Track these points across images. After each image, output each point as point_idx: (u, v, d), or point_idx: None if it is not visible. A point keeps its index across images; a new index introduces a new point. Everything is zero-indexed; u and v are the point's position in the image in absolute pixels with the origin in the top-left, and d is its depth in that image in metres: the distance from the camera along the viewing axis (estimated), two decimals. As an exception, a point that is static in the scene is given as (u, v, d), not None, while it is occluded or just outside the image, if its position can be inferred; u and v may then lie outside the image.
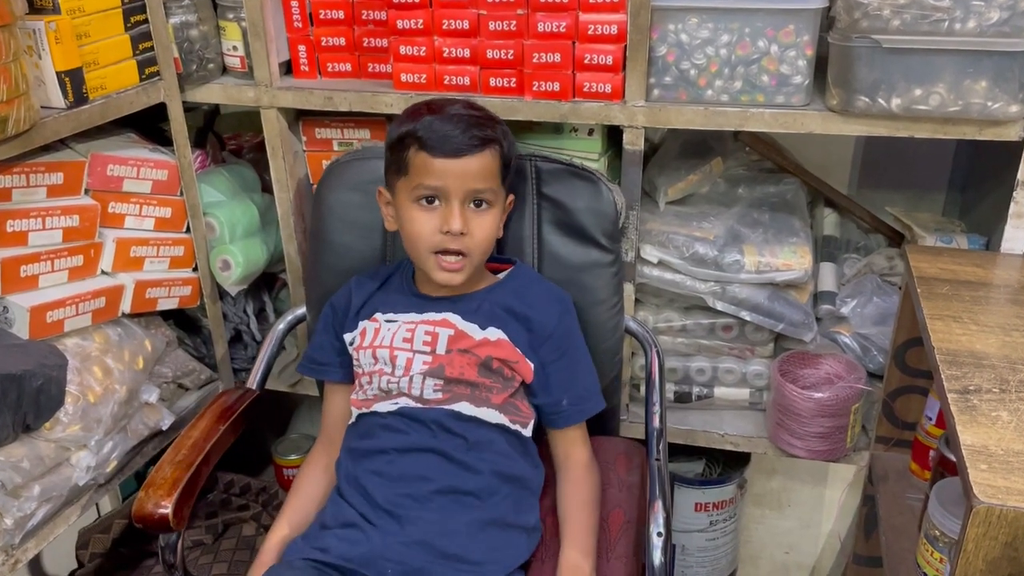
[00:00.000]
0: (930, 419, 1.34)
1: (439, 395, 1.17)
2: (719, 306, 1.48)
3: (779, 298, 1.47)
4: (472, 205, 1.16)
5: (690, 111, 1.34)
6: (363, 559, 1.09)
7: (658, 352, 1.39)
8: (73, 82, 1.29)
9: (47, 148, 1.34)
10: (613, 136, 1.48)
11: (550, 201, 1.36)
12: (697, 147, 1.60)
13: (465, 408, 1.16)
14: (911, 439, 1.40)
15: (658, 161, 1.59)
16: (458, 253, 1.15)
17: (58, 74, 1.27)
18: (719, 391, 1.58)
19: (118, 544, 1.90)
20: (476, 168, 1.14)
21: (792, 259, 1.45)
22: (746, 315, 1.48)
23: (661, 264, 1.49)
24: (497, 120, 1.20)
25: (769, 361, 1.55)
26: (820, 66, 1.30)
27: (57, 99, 1.28)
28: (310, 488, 1.27)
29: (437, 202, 1.15)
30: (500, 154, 1.16)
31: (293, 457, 2.03)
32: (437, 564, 1.09)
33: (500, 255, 1.35)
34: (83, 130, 1.33)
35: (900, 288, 1.40)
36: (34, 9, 1.27)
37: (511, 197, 1.25)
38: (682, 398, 1.59)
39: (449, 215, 1.14)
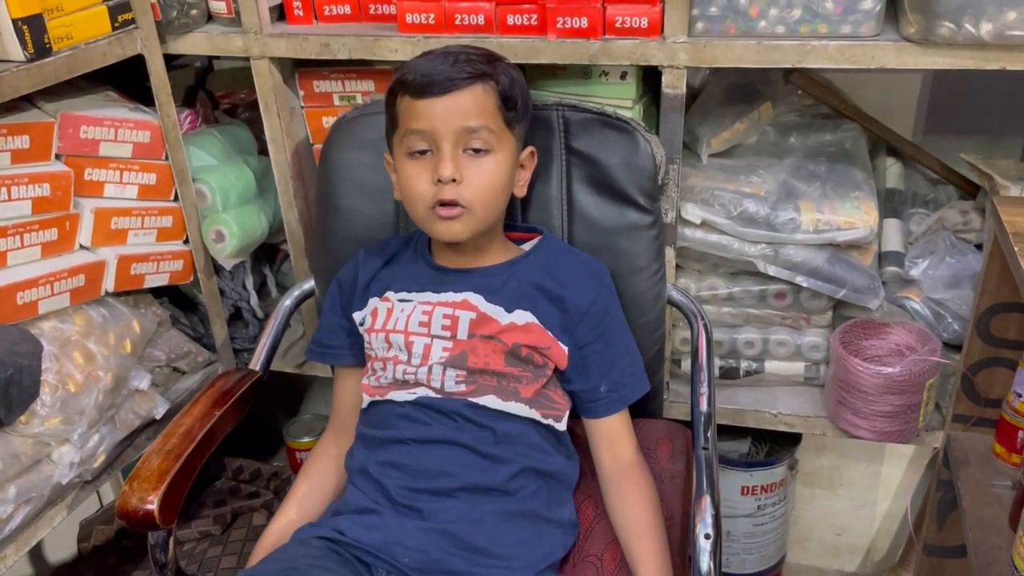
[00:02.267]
0: (1020, 396, 1.17)
1: (462, 387, 1.03)
2: (771, 271, 1.31)
3: (840, 260, 1.30)
4: (470, 151, 1.01)
5: (740, 46, 1.16)
6: (378, 544, 0.98)
7: (705, 325, 1.24)
8: (32, 31, 1.12)
9: (10, 109, 1.18)
10: (650, 80, 1.31)
11: (580, 156, 1.20)
12: (743, 91, 1.41)
13: (492, 402, 1.03)
14: (995, 418, 1.23)
15: (699, 108, 1.41)
16: (455, 204, 1.00)
17: (14, 21, 1.11)
18: (770, 365, 1.42)
19: (122, 536, 1.79)
20: (466, 104, 1.00)
21: (855, 216, 1.28)
22: (802, 280, 1.31)
23: (705, 225, 1.32)
24: (496, 57, 1.06)
25: (827, 331, 1.38)
26: (895, -9, 1.12)
27: (15, 51, 1.12)
28: (320, 476, 1.16)
29: (429, 152, 1.01)
30: (496, 90, 1.01)
31: (306, 439, 1.90)
32: (458, 556, 0.97)
33: (525, 223, 1.19)
34: (49, 86, 1.17)
35: (980, 246, 1.23)
36: (-16, -53, 1.11)
37: (529, 150, 1.10)
38: (729, 374, 1.43)
39: (440, 161, 0.99)
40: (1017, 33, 1.04)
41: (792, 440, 1.63)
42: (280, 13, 1.37)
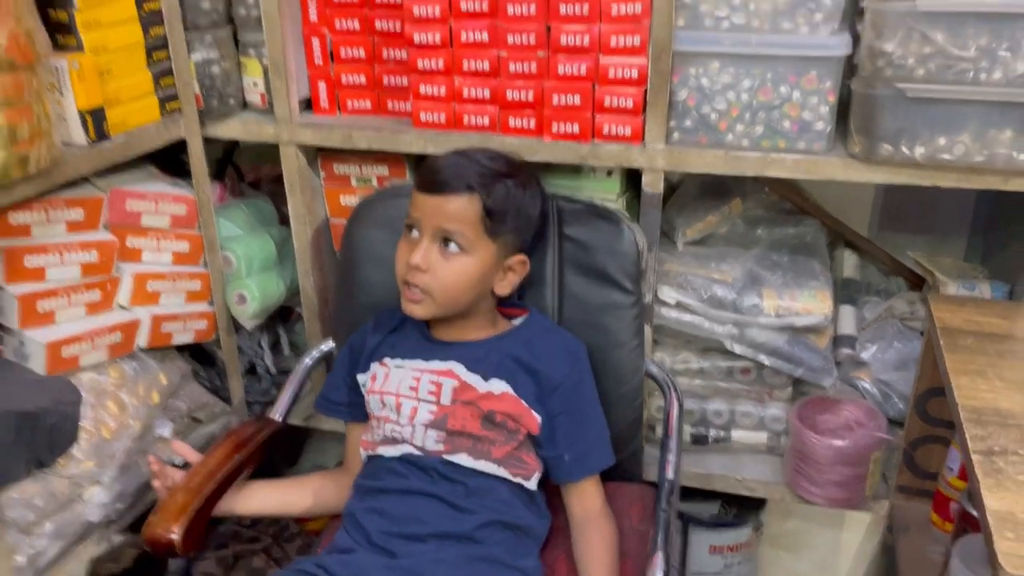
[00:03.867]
0: (952, 471, 1.32)
1: (440, 446, 1.17)
2: (737, 349, 1.46)
3: (798, 342, 1.46)
4: (444, 246, 1.15)
5: (710, 155, 1.33)
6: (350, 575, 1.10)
7: (678, 398, 1.38)
8: (95, 120, 1.29)
9: (68, 183, 1.34)
10: (632, 177, 1.47)
11: (572, 242, 1.35)
12: (716, 187, 1.59)
13: (464, 460, 1.16)
14: (932, 490, 1.38)
15: (677, 201, 1.58)
16: (416, 288, 1.15)
17: (80, 112, 1.27)
18: (736, 434, 1.56)
19: (129, 574, 1.89)
20: (450, 209, 1.14)
21: (812, 303, 1.44)
22: (764, 359, 1.46)
23: (679, 306, 1.48)
24: (504, 173, 1.17)
25: (788, 405, 1.53)
26: (842, 112, 1.29)
27: (79, 136, 1.29)
28: (313, 486, 1.31)
29: (416, 235, 1.15)
30: (482, 203, 1.14)
31: (304, 488, 2.01)
32: None
33: (519, 300, 1.34)
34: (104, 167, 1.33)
35: (922, 335, 1.38)
36: (58, 47, 1.28)
37: (519, 258, 1.21)
38: (699, 440, 1.57)
39: (415, 249, 1.14)
40: (946, 157, 1.21)
41: (758, 504, 1.76)
42: (308, 104, 1.55)
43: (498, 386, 1.18)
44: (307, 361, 1.50)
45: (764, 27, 1.26)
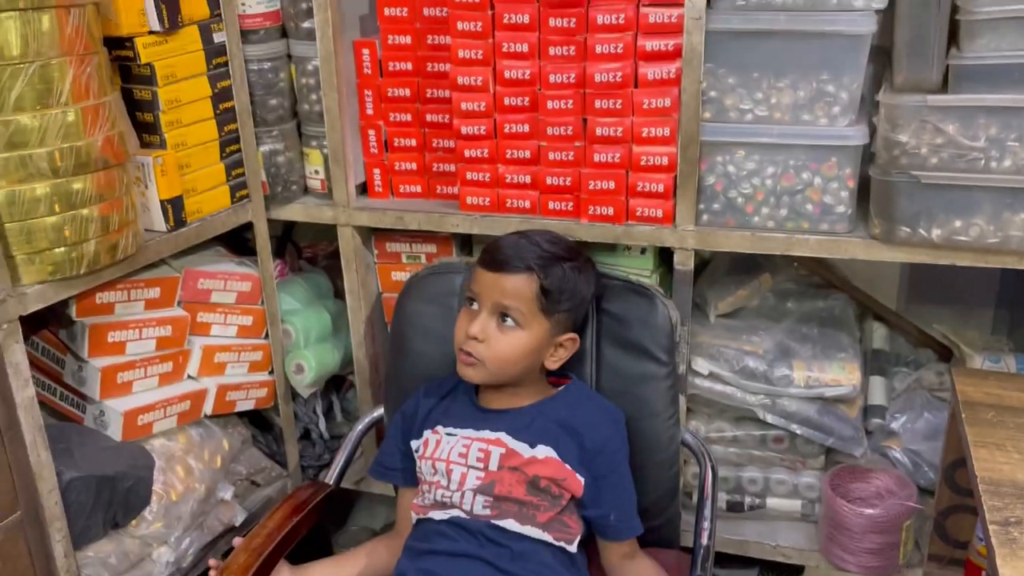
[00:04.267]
0: (981, 540, 1.35)
1: (488, 511, 1.24)
2: (769, 419, 1.52)
3: (829, 412, 1.51)
4: (502, 319, 1.24)
5: (738, 236, 1.42)
6: None
7: (712, 467, 1.44)
8: (174, 208, 1.43)
9: (147, 265, 1.47)
10: (664, 253, 1.56)
11: (609, 315, 1.43)
12: (746, 263, 1.67)
13: (510, 524, 1.23)
14: (963, 559, 1.41)
15: (708, 276, 1.66)
16: (472, 356, 1.24)
17: (162, 202, 1.41)
18: (771, 501, 1.61)
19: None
20: (508, 285, 1.23)
21: (841, 375, 1.49)
22: (796, 428, 1.52)
23: (712, 376, 1.54)
24: (562, 256, 1.27)
25: (821, 473, 1.57)
26: (863, 195, 1.38)
27: (160, 224, 1.42)
28: (365, 550, 1.39)
29: (475, 307, 1.25)
30: (538, 283, 1.24)
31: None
32: None
33: (560, 370, 1.42)
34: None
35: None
36: (144, 144, 1.43)
37: (571, 336, 1.30)
38: (734, 507, 1.62)
39: (474, 320, 1.23)
40: (962, 238, 1.28)
41: (796, 571, 1.79)
42: (363, 188, 1.67)
43: (543, 451, 1.25)
44: (359, 428, 1.59)
45: (785, 118, 1.35)
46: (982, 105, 1.22)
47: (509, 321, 1.24)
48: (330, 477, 1.51)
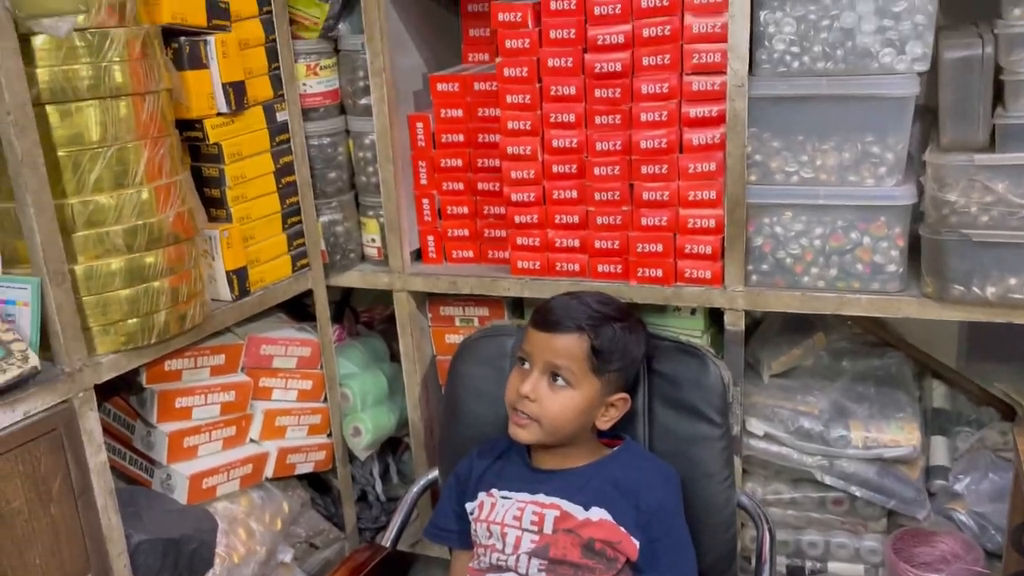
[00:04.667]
0: (1057, 608, 1.30)
1: (543, 574, 1.24)
2: (827, 480, 1.50)
3: (889, 473, 1.49)
4: (553, 379, 1.26)
5: (787, 296, 1.42)
6: None
7: (769, 529, 1.41)
8: (239, 279, 1.50)
9: (212, 333, 1.54)
10: (715, 314, 1.57)
11: (660, 376, 1.44)
12: (799, 322, 1.66)
13: None
14: (1039, 627, 1.35)
15: (761, 335, 1.66)
16: (525, 415, 1.25)
17: (227, 273, 1.48)
18: (833, 566, 1.57)
19: None
20: (559, 345, 1.25)
21: (899, 435, 1.47)
22: (856, 490, 1.49)
23: (767, 437, 1.53)
24: (613, 316, 1.29)
25: (883, 536, 1.54)
26: (914, 252, 1.37)
27: (225, 293, 1.49)
28: None
29: (527, 367, 1.27)
30: (590, 343, 1.25)
31: (409, 613, 2.09)
32: None
33: (612, 431, 1.42)
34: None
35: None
36: (211, 218, 1.50)
37: (622, 395, 1.31)
38: (795, 572, 1.59)
39: (526, 380, 1.25)
40: (1018, 296, 1.27)
41: (862, 638, 1.73)
42: (417, 254, 1.73)
43: (597, 513, 1.25)
44: (414, 490, 1.61)
45: (832, 180, 1.36)
46: (1031, 163, 1.22)
47: (560, 381, 1.26)
48: (386, 539, 1.53)
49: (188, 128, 1.44)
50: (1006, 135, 1.24)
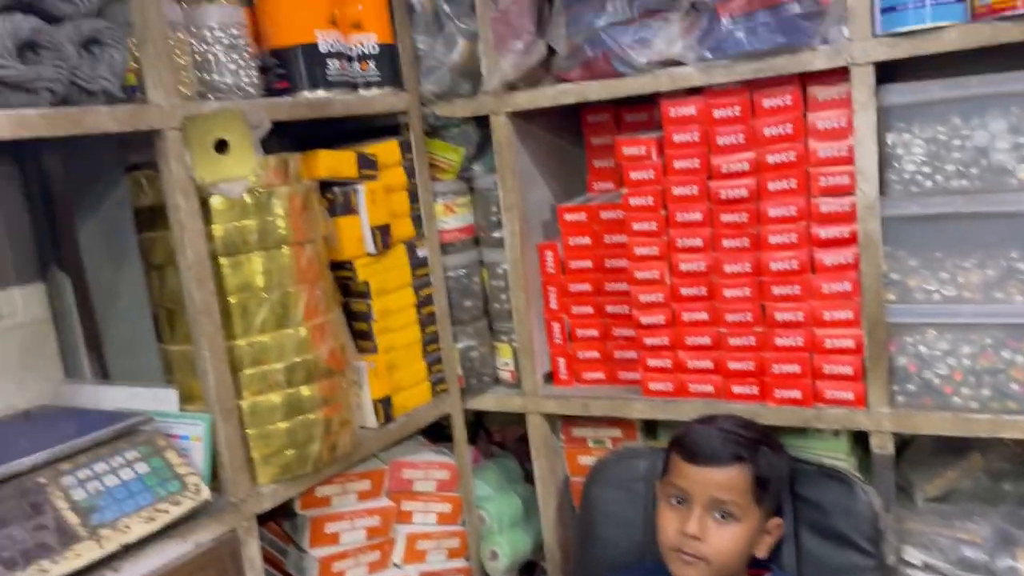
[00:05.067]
0: None
1: None
2: (998, 616, 1.39)
3: (1069, 610, 1.36)
4: (716, 514, 1.24)
5: (938, 418, 1.37)
6: None
7: (935, 670, 1.32)
8: (384, 406, 1.57)
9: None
10: (859, 435, 1.52)
11: (806, 502, 1.40)
12: (952, 441, 1.58)
13: None
14: None
15: (912, 456, 1.58)
16: (694, 556, 1.22)
17: (374, 402, 1.56)
18: None
19: None
20: (722, 479, 1.24)
21: (1078, 566, 1.35)
22: (1032, 628, 1.37)
23: (927, 568, 1.44)
24: (761, 439, 1.29)
25: None
26: (1076, 371, 1.30)
27: (371, 421, 1.57)
28: None
29: (684, 504, 1.25)
30: (752, 472, 1.25)
31: None
32: None
33: (760, 560, 1.39)
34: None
35: None
36: (359, 350, 1.60)
37: (776, 521, 1.30)
38: None
39: (689, 518, 1.23)
40: None
41: None
42: (549, 376, 1.77)
43: None
44: (553, 617, 1.60)
45: (976, 297, 1.32)
46: None
47: (726, 515, 1.24)
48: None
49: (339, 268, 1.56)
50: None
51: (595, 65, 1.51)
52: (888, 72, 1.32)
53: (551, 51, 1.58)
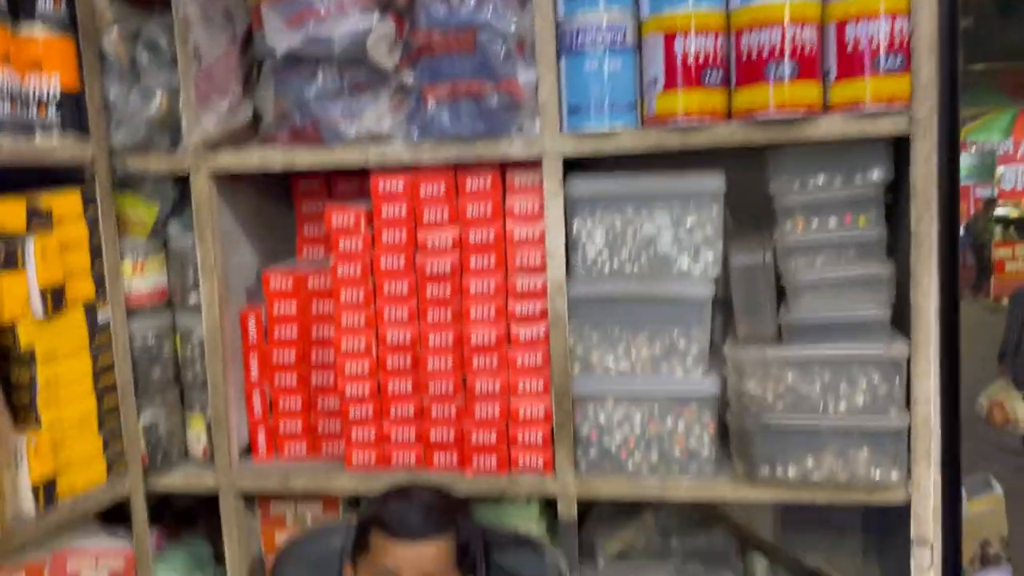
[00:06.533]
0: None
1: None
2: (664, 667, 1.51)
3: (721, 654, 1.52)
4: None
5: (615, 482, 1.48)
6: None
7: None
8: (46, 491, 1.38)
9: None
10: (548, 501, 1.60)
11: (500, 570, 1.43)
12: (628, 503, 1.72)
13: None
14: None
15: (594, 518, 1.70)
16: None
17: (34, 486, 1.36)
18: None
19: None
20: (430, 553, 1.24)
21: (728, 614, 1.52)
22: (690, 675, 1.51)
23: (606, 625, 1.54)
24: (456, 506, 1.31)
25: None
26: (726, 437, 1.48)
27: (29, 507, 1.36)
28: None
29: None
30: (455, 540, 1.26)
31: None
32: None
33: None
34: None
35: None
36: (18, 423, 1.40)
37: None
38: None
39: None
40: (815, 477, 1.39)
41: None
42: (247, 449, 1.67)
43: None
44: None
45: (646, 370, 1.47)
46: (814, 356, 1.37)
47: None
48: None
49: (-4, 330, 1.36)
50: (791, 331, 1.40)
51: (304, 132, 1.49)
52: (589, 161, 1.45)
53: (257, 115, 1.55)
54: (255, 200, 1.69)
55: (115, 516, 1.63)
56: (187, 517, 1.90)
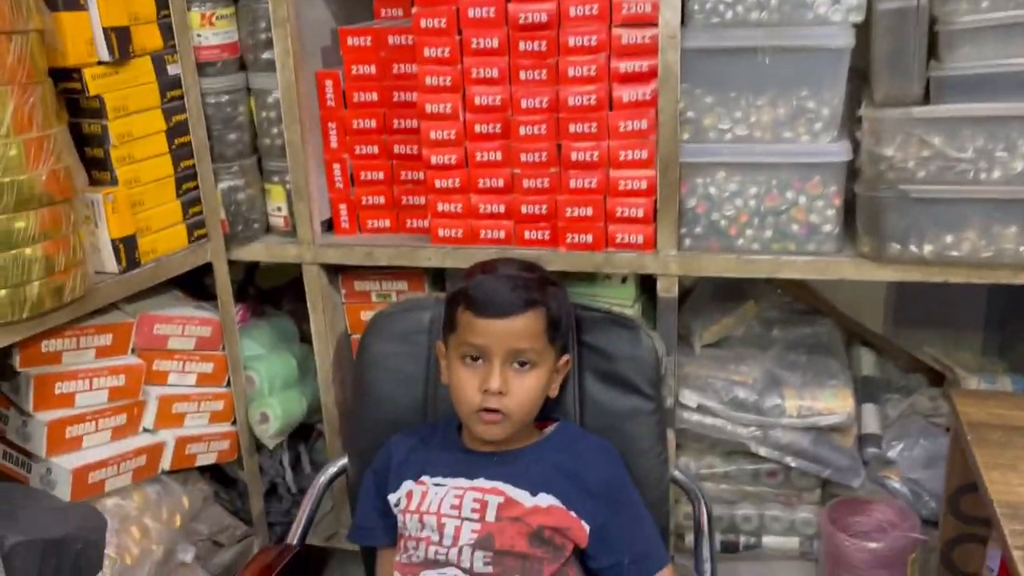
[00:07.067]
0: (992, 570, 1.28)
1: (489, 568, 1.14)
2: (762, 451, 1.46)
3: (823, 442, 1.45)
4: (515, 365, 1.17)
5: (722, 259, 1.36)
6: None
7: (706, 504, 1.36)
8: (127, 248, 1.34)
9: (98, 309, 1.38)
10: (646, 282, 1.51)
11: (591, 349, 1.36)
12: (730, 290, 1.62)
13: None
14: (975, 592, 1.34)
15: (692, 304, 1.60)
16: (497, 411, 1.15)
17: (113, 241, 1.32)
18: (767, 540, 1.53)
19: None
20: (519, 328, 1.16)
21: (833, 402, 1.44)
22: (790, 460, 1.45)
23: (701, 409, 1.48)
24: (548, 281, 1.22)
25: (817, 508, 1.50)
26: (850, 214, 1.33)
27: (111, 265, 1.33)
28: None
29: (481, 360, 1.16)
30: (546, 315, 1.17)
31: (326, 612, 1.96)
32: None
33: (543, 413, 1.34)
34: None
35: (947, 431, 1.37)
36: (94, 181, 1.34)
37: (566, 358, 1.24)
38: (729, 548, 1.54)
39: (490, 374, 1.15)
40: (954, 253, 1.24)
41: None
42: (329, 225, 1.60)
43: (546, 500, 1.16)
44: (322, 480, 1.45)
45: (766, 137, 1.31)
46: (967, 116, 1.19)
47: (525, 364, 1.17)
48: (293, 536, 1.39)
49: (65, 79, 1.28)
50: (941, 87, 1.20)
51: None
52: None
53: None
54: (329, -50, 1.53)
55: (201, 295, 1.60)
56: (271, 298, 1.89)
